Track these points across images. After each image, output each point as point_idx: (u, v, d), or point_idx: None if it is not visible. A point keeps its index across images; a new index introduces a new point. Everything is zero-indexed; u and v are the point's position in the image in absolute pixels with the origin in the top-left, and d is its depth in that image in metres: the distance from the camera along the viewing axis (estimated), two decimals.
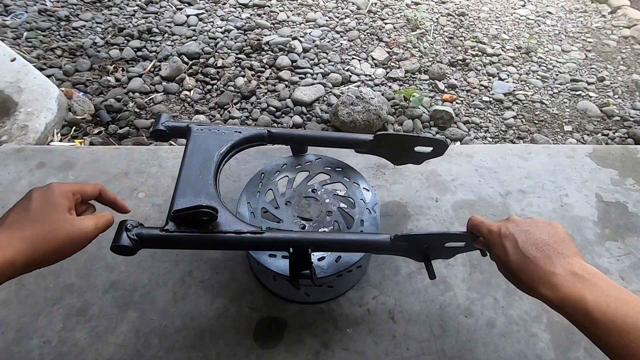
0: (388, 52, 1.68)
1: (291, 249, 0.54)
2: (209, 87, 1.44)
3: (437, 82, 1.56)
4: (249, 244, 0.54)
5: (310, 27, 1.78)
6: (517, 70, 1.69)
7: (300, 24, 1.80)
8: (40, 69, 1.33)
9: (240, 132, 0.65)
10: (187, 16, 1.75)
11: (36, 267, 0.39)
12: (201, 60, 1.54)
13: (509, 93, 1.56)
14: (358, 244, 0.57)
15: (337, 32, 1.77)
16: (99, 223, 0.45)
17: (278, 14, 1.84)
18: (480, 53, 1.75)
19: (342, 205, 0.68)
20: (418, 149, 0.75)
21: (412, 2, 2.05)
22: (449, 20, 1.94)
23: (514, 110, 1.49)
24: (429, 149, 0.75)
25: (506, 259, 0.44)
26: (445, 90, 1.55)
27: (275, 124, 1.33)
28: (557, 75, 1.68)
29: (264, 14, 1.84)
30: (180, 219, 0.52)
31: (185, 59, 1.52)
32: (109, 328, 0.65)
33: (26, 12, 1.63)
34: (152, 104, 1.36)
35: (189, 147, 0.62)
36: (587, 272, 0.41)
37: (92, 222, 0.44)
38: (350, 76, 1.54)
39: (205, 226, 0.53)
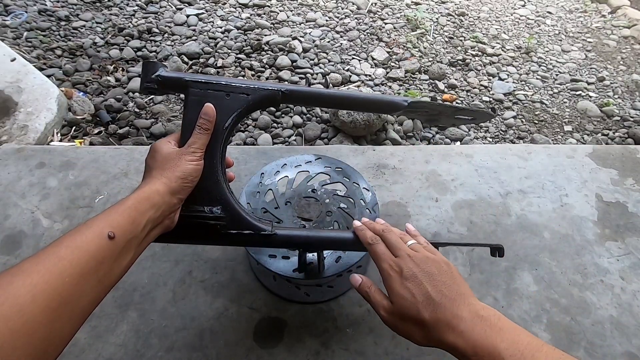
0: (388, 52, 1.68)
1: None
2: None
3: (437, 82, 1.56)
4: (258, 243, 0.55)
5: (310, 27, 1.78)
6: (517, 70, 1.69)
7: (300, 24, 1.80)
8: (40, 69, 1.33)
9: (247, 95, 0.54)
10: (187, 16, 1.75)
11: (174, 194, 0.46)
12: (201, 60, 1.54)
13: (509, 93, 1.56)
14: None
15: (337, 32, 1.77)
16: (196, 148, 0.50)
17: (278, 14, 1.84)
18: (480, 53, 1.75)
19: (342, 205, 0.68)
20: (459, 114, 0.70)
21: (412, 2, 2.05)
22: (449, 20, 1.94)
23: (514, 110, 1.49)
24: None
25: (414, 302, 0.42)
26: (445, 90, 1.55)
27: (275, 124, 1.33)
28: (557, 75, 1.68)
29: (264, 14, 1.84)
30: (185, 224, 0.50)
31: (185, 59, 1.53)
32: (109, 328, 0.65)
33: (26, 12, 1.63)
34: (152, 104, 1.36)
35: (187, 118, 0.52)
36: (491, 315, 0.40)
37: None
38: (350, 76, 1.54)
39: (213, 228, 0.52)
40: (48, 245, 0.35)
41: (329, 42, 1.70)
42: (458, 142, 1.35)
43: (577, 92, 1.59)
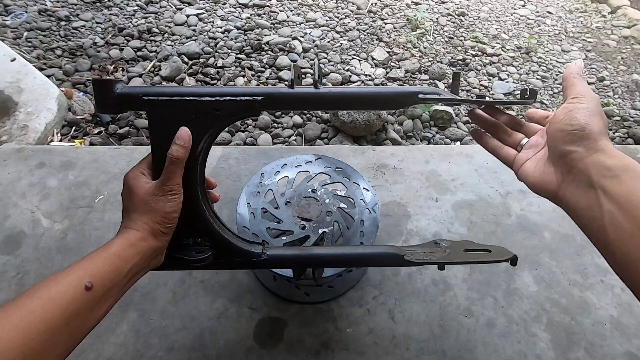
0: (388, 52, 1.68)
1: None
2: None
3: (437, 82, 1.56)
4: (250, 267, 0.53)
5: (310, 27, 1.78)
6: (517, 70, 1.69)
7: (300, 24, 1.80)
8: (40, 69, 1.33)
9: (218, 110, 0.46)
10: (187, 16, 1.75)
11: (159, 237, 0.44)
12: (201, 60, 1.54)
13: (509, 93, 1.56)
14: (363, 258, 0.53)
15: (337, 32, 1.77)
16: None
17: (278, 14, 1.84)
18: (480, 53, 1.75)
19: (342, 205, 0.68)
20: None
21: (412, 2, 2.05)
22: (449, 20, 1.94)
23: (514, 110, 1.49)
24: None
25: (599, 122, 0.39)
26: (446, 90, 1.55)
27: (275, 124, 1.33)
28: (557, 75, 1.68)
29: (264, 14, 1.84)
30: (170, 258, 0.48)
31: (185, 59, 1.53)
32: (109, 328, 0.65)
33: (26, 12, 1.63)
34: None
35: (155, 141, 0.46)
36: None
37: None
38: (350, 76, 1.54)
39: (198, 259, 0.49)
40: (21, 294, 0.33)
41: (329, 42, 1.70)
42: (458, 142, 1.35)
43: None
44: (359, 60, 1.64)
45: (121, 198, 0.45)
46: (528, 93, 0.49)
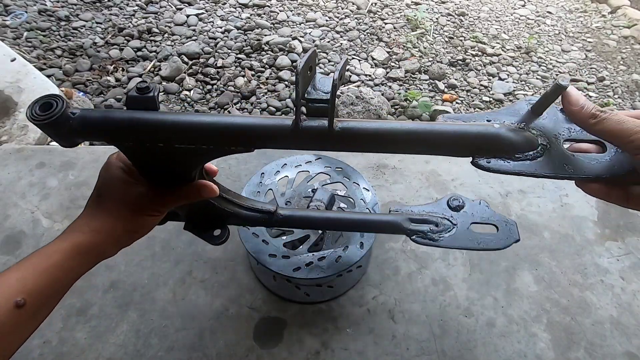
0: (388, 52, 1.68)
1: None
2: (209, 87, 1.44)
3: (437, 82, 1.56)
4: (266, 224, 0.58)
5: (310, 27, 1.78)
6: (517, 70, 1.69)
7: (300, 24, 1.80)
8: (40, 69, 1.33)
9: (202, 155, 0.38)
10: (187, 16, 1.75)
11: (119, 246, 0.40)
12: (201, 60, 1.54)
13: (509, 93, 1.56)
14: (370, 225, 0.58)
15: (337, 32, 1.77)
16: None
17: (278, 14, 1.84)
18: (480, 53, 1.75)
19: (342, 205, 0.68)
20: None
21: (412, 2, 2.05)
22: (449, 20, 1.94)
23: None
24: None
25: None
26: (445, 90, 1.55)
27: None
28: (557, 75, 1.68)
29: (264, 14, 1.84)
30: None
31: (185, 59, 1.53)
32: (109, 328, 0.65)
33: (26, 12, 1.63)
34: None
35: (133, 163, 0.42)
36: None
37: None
38: (350, 76, 1.54)
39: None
40: None
41: (329, 42, 1.70)
42: None
43: None
44: (359, 60, 1.64)
45: (98, 175, 0.39)
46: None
